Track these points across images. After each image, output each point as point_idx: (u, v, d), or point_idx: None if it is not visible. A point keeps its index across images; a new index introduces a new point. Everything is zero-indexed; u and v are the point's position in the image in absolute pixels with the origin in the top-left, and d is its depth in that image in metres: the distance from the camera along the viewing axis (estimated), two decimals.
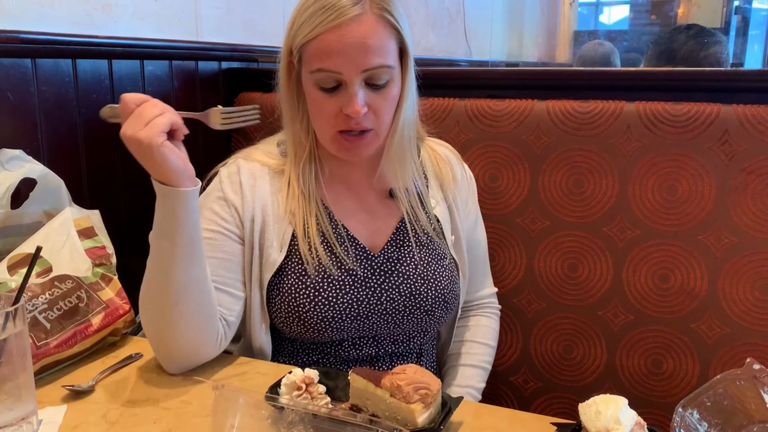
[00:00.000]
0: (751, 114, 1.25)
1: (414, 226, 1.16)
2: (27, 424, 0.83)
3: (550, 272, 1.40)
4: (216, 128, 1.02)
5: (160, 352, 1.02)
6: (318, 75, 1.02)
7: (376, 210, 1.17)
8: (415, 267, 1.14)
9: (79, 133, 1.32)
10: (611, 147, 1.33)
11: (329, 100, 1.04)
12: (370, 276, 1.11)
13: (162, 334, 1.00)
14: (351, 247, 1.12)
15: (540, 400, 1.44)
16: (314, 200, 1.11)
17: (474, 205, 1.29)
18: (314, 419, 0.78)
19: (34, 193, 1.15)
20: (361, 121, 1.03)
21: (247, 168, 1.14)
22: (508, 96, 1.43)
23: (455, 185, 1.24)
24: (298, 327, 1.08)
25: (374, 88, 1.04)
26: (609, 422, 0.73)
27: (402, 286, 1.12)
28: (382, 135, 1.09)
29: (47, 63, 1.24)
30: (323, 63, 1.01)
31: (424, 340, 1.19)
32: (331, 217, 1.13)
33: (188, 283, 0.97)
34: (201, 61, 1.63)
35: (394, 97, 1.07)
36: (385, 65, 1.02)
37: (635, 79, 1.43)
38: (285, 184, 1.12)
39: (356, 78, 1.01)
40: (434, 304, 1.13)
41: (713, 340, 1.29)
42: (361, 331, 1.10)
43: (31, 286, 1.03)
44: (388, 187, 1.18)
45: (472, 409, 0.94)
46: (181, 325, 0.98)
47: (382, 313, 1.10)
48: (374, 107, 1.04)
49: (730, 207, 1.27)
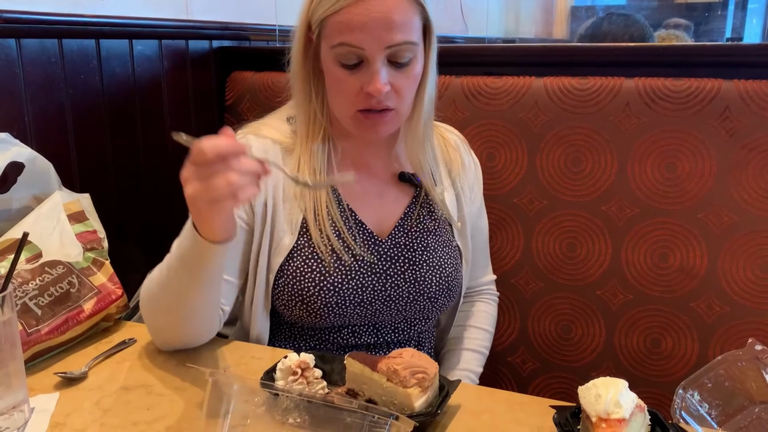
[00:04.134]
0: (753, 89, 1.23)
1: (423, 211, 1.14)
2: (18, 412, 0.82)
3: (548, 252, 1.38)
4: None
5: (158, 339, 1.02)
6: (339, 50, 0.98)
7: (385, 194, 1.14)
8: (421, 253, 1.12)
9: (67, 116, 1.29)
10: (610, 124, 1.31)
11: (350, 77, 1.00)
12: (376, 262, 1.09)
13: (164, 332, 1.01)
14: (359, 232, 1.09)
15: (538, 380, 1.44)
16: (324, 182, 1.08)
17: (479, 192, 1.27)
18: (309, 405, 0.77)
19: (22, 177, 1.13)
20: (382, 100, 1.00)
21: (258, 146, 1.09)
22: (506, 73, 1.41)
23: (463, 172, 1.21)
24: (301, 311, 1.06)
25: (397, 66, 1.00)
26: (609, 406, 0.72)
27: (407, 273, 1.10)
28: (403, 115, 1.06)
29: (32, 43, 1.21)
30: (345, 37, 0.97)
31: (424, 327, 1.18)
32: (340, 200, 1.10)
33: (200, 305, 0.97)
34: (191, 39, 1.59)
35: (417, 76, 1.03)
36: (409, 42, 0.98)
37: (634, 55, 1.41)
38: (296, 165, 1.08)
39: (379, 55, 0.97)
40: (438, 292, 1.12)
41: (712, 319, 1.28)
42: (363, 318, 1.09)
43: (21, 272, 1.01)
44: (398, 170, 1.15)
45: (470, 393, 0.93)
46: (185, 327, 0.99)
47: (386, 300, 1.09)
48: (396, 86, 1.00)
49: (730, 184, 1.25)
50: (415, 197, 1.15)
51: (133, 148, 1.46)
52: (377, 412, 0.71)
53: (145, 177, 1.50)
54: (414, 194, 1.15)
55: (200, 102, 1.64)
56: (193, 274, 0.90)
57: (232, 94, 1.65)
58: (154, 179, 1.52)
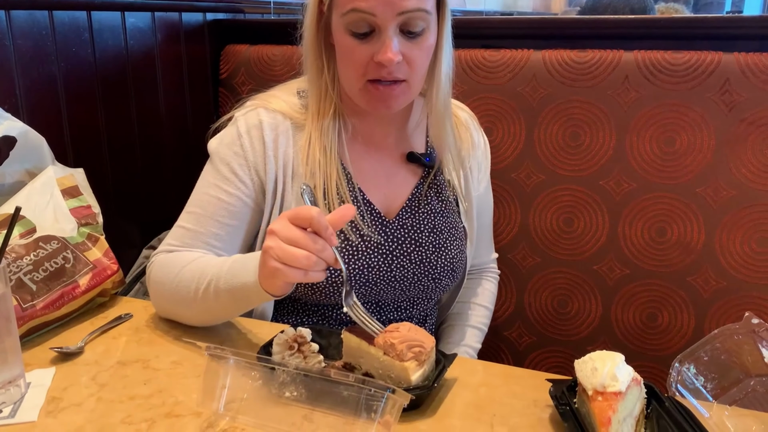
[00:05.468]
0: (753, 62, 1.22)
1: (430, 192, 1.13)
2: (14, 387, 0.82)
3: (545, 227, 1.38)
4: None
5: (163, 314, 1.04)
6: (350, 17, 0.95)
7: (394, 173, 1.13)
8: (428, 235, 1.11)
9: (59, 89, 1.27)
10: (609, 98, 1.30)
11: (361, 46, 0.97)
12: (383, 242, 1.08)
13: (173, 315, 1.03)
14: (367, 212, 1.08)
15: (534, 354, 1.44)
16: (334, 160, 1.06)
17: (487, 171, 1.25)
18: (306, 379, 0.77)
19: (15, 151, 1.11)
20: (393, 70, 0.97)
21: (269, 121, 1.07)
22: (504, 46, 1.39)
23: (473, 151, 1.20)
24: (305, 289, 1.06)
25: (409, 36, 0.97)
26: (605, 379, 0.72)
27: (413, 254, 1.09)
28: (415, 88, 1.03)
29: (22, 15, 1.18)
30: (356, 3, 0.94)
31: (427, 306, 1.18)
32: (349, 179, 1.08)
33: (223, 320, 1.01)
34: (185, 12, 1.57)
35: (430, 47, 1.01)
36: (422, 9, 0.95)
37: (634, 27, 1.39)
38: (306, 142, 1.06)
39: (391, 23, 0.94)
40: (442, 273, 1.11)
41: (709, 294, 1.29)
42: (367, 297, 1.08)
43: (15, 247, 1.00)
44: (408, 150, 1.13)
45: (467, 366, 0.93)
46: (200, 321, 1.02)
47: (391, 280, 1.08)
48: (408, 57, 0.98)
49: (729, 159, 1.24)
50: (423, 177, 1.13)
51: (127, 122, 1.44)
52: (374, 386, 0.71)
53: (140, 151, 1.48)
54: (422, 174, 1.14)
55: (194, 75, 1.62)
56: (237, 305, 0.94)
57: (227, 68, 1.63)
58: (149, 154, 1.50)
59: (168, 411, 0.80)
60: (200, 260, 0.99)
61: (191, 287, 0.95)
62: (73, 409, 0.80)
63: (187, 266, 0.98)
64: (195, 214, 1.05)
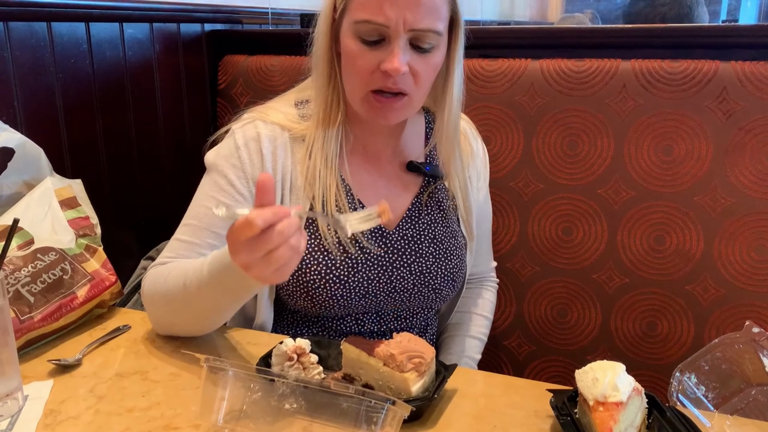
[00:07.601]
0: (750, 71, 1.22)
1: (430, 202, 1.13)
2: (12, 400, 0.81)
3: (543, 236, 1.38)
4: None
5: (160, 328, 1.03)
6: (362, 26, 0.95)
7: (393, 184, 1.12)
8: (428, 246, 1.10)
9: (57, 100, 1.27)
10: (606, 107, 1.30)
11: (368, 53, 0.97)
12: (383, 254, 1.07)
13: (169, 326, 1.02)
14: None
15: (534, 363, 1.44)
16: (334, 172, 1.05)
17: (486, 180, 1.25)
18: (305, 390, 0.77)
19: (13, 163, 1.11)
20: (398, 81, 0.97)
21: (267, 134, 1.06)
22: (501, 56, 1.39)
23: (472, 160, 1.20)
24: (305, 302, 1.05)
25: (418, 51, 0.97)
26: (606, 389, 0.72)
27: (413, 265, 1.09)
28: (416, 104, 1.03)
29: (21, 26, 1.19)
30: (371, 14, 0.94)
31: (427, 316, 1.17)
32: (348, 191, 1.08)
33: (220, 317, 0.98)
34: (183, 23, 1.57)
35: (437, 65, 1.01)
36: (433, 30, 0.95)
37: (631, 37, 1.39)
38: (306, 154, 1.06)
39: (402, 35, 0.94)
40: (443, 283, 1.11)
41: (708, 302, 1.28)
42: (367, 308, 1.08)
43: (13, 259, 1.00)
44: (406, 159, 1.13)
45: (467, 377, 0.93)
46: (196, 327, 1.00)
47: (391, 291, 1.07)
48: (415, 70, 0.97)
49: (727, 167, 1.25)
50: (422, 187, 1.13)
51: (125, 133, 1.44)
52: (374, 397, 0.70)
53: (138, 162, 1.48)
54: (422, 184, 1.14)
55: (192, 86, 1.62)
56: (223, 291, 0.90)
57: (225, 78, 1.63)
58: (147, 164, 1.50)
59: (166, 423, 0.80)
60: (188, 261, 0.98)
61: (179, 283, 0.93)
62: (70, 422, 0.80)
63: (175, 269, 0.97)
64: (191, 226, 1.04)
